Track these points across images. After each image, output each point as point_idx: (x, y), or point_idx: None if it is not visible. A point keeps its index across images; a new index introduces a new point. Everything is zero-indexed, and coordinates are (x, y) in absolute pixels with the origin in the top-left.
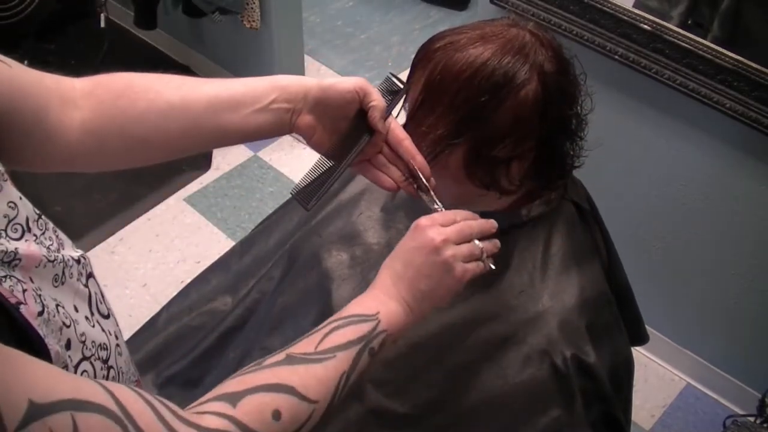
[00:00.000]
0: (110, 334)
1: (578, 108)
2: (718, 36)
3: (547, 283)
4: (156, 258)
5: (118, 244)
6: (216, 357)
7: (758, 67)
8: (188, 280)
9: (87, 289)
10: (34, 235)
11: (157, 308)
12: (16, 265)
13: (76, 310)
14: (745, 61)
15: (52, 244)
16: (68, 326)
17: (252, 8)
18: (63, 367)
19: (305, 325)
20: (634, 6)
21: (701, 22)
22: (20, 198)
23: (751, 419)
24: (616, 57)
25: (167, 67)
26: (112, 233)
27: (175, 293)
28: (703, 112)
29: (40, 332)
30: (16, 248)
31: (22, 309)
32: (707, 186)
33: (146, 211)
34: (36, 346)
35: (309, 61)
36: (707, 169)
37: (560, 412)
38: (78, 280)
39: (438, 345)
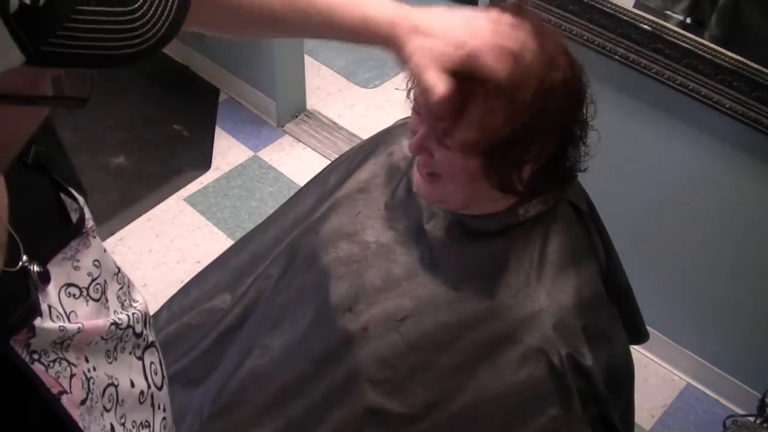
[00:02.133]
0: (158, 408)
1: (585, 112)
2: (715, 33)
3: (544, 282)
4: (156, 258)
5: (118, 244)
6: (217, 356)
7: (758, 67)
8: (188, 280)
9: (141, 362)
10: (113, 293)
11: (157, 308)
12: (68, 345)
13: (132, 384)
14: (745, 61)
15: (125, 300)
16: (109, 410)
17: None
18: None
19: (303, 324)
20: (635, 6)
21: (702, 20)
22: (104, 251)
23: (751, 419)
24: (616, 57)
25: (167, 67)
26: (112, 233)
27: (174, 293)
28: (703, 112)
29: (81, 423)
30: (80, 327)
31: (64, 399)
32: (707, 186)
33: (146, 211)
34: None
35: (309, 61)
36: (707, 169)
37: (558, 411)
38: (131, 353)
39: (435, 344)
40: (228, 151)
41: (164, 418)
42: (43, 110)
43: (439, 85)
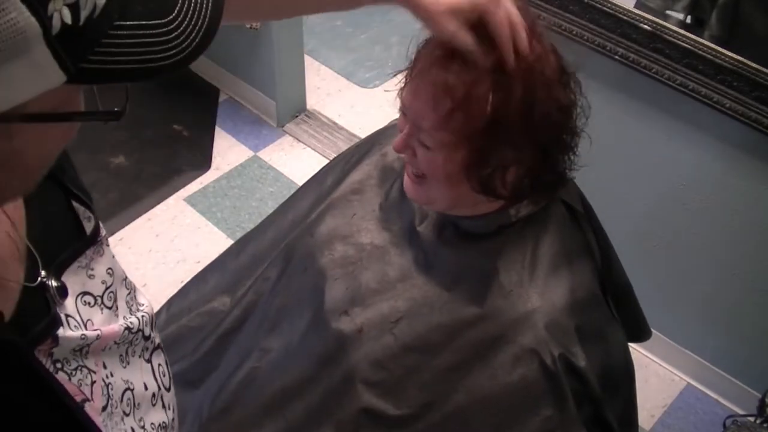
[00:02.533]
0: (168, 409)
1: (575, 119)
2: (715, 32)
3: (536, 283)
4: (156, 258)
5: (118, 244)
6: (216, 358)
7: (758, 67)
8: (187, 282)
9: (149, 365)
10: (122, 299)
11: (156, 308)
12: (87, 352)
13: (146, 387)
14: (745, 61)
15: (133, 305)
16: (128, 414)
17: None
18: None
19: (301, 327)
20: (635, 6)
21: (702, 18)
22: (112, 256)
23: (751, 419)
24: (616, 57)
25: None
26: (112, 233)
27: (173, 295)
28: (703, 112)
29: (104, 430)
30: (98, 333)
31: (87, 407)
32: (707, 186)
33: (146, 211)
34: None
35: (309, 61)
36: (707, 169)
37: (552, 411)
38: (141, 356)
39: (428, 346)
40: (228, 151)
41: (173, 419)
42: (75, 126)
43: (460, 35)
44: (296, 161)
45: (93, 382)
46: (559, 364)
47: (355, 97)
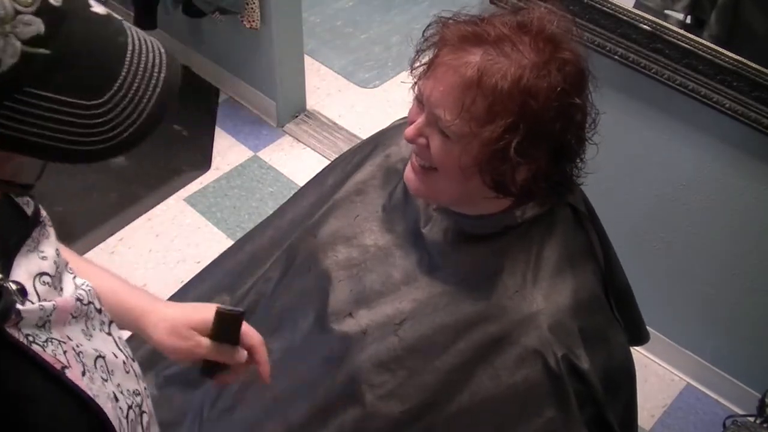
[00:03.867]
0: (139, 378)
1: (583, 125)
2: (714, 32)
3: (541, 285)
4: (156, 258)
5: (118, 244)
6: None
7: (758, 67)
8: (186, 282)
9: (111, 337)
10: (68, 281)
11: None
12: (50, 326)
13: (115, 356)
14: (745, 61)
15: (78, 284)
16: (106, 380)
17: (252, 8)
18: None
19: (304, 327)
20: (635, 6)
21: (702, 18)
22: (56, 238)
23: (751, 419)
24: (616, 57)
25: None
26: (112, 233)
27: (171, 295)
28: (703, 112)
29: (90, 393)
30: (54, 304)
31: (68, 372)
32: (707, 186)
33: (146, 211)
34: (92, 407)
35: (309, 61)
36: (707, 170)
37: (555, 413)
38: (101, 330)
39: (432, 347)
40: (228, 151)
41: (145, 387)
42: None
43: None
44: (296, 161)
45: (65, 351)
46: (562, 366)
47: (355, 97)
